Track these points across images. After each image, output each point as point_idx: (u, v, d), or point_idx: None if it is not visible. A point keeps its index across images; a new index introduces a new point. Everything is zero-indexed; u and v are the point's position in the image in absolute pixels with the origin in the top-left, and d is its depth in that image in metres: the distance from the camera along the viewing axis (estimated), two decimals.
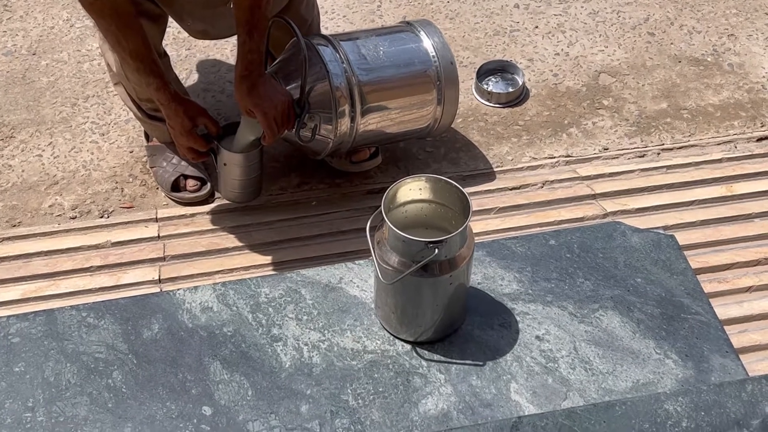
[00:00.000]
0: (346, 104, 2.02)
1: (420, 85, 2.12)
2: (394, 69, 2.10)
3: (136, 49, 1.81)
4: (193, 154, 1.98)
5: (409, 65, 2.12)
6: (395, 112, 2.11)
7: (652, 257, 1.73)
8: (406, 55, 2.13)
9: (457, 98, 2.17)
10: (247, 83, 1.88)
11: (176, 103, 1.90)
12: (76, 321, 1.61)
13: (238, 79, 1.89)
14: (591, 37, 2.69)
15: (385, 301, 1.58)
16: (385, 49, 2.10)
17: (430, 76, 2.11)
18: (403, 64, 2.11)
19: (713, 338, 1.59)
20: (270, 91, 1.91)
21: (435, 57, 2.11)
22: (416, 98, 2.12)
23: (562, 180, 2.24)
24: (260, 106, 1.88)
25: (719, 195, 2.17)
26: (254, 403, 1.50)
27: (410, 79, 2.12)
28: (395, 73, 2.11)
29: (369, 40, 2.12)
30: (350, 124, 2.04)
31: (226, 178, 2.05)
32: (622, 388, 1.52)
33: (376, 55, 2.09)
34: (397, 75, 2.11)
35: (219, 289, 1.66)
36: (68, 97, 2.50)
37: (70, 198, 2.23)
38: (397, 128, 2.14)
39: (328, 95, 2.00)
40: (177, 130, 1.93)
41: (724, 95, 2.52)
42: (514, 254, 1.74)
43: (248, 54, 1.86)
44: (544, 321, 1.62)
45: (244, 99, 1.89)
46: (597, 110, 2.47)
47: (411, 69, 2.12)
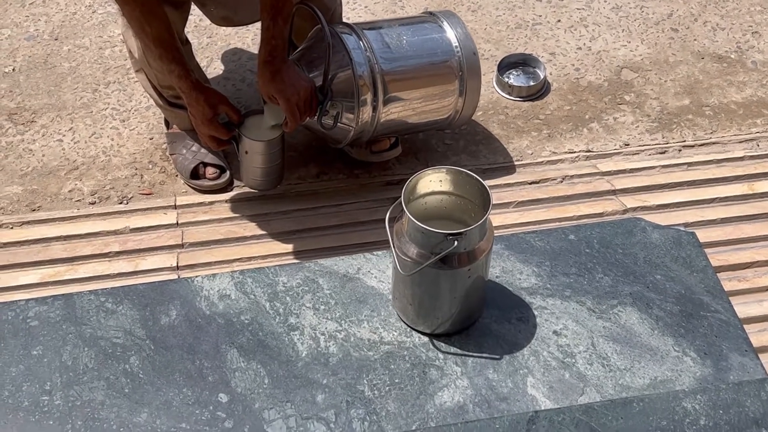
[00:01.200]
0: (369, 93, 2.01)
1: (442, 75, 2.11)
2: (417, 59, 2.10)
3: (159, 35, 1.81)
4: (214, 143, 1.98)
5: (431, 55, 2.11)
6: (417, 102, 2.10)
7: (672, 254, 1.71)
8: (429, 45, 2.12)
9: (479, 89, 2.17)
10: (271, 69, 1.87)
11: (197, 91, 1.89)
12: (94, 306, 1.61)
13: (262, 65, 1.88)
14: (614, 31, 2.67)
15: (402, 292, 1.57)
16: (408, 38, 2.10)
17: (453, 67, 2.10)
18: (425, 54, 2.11)
19: (732, 337, 1.58)
20: (293, 78, 1.90)
21: (458, 47, 2.11)
22: (438, 88, 2.11)
23: (582, 175, 2.23)
24: (283, 92, 1.88)
25: (740, 193, 2.15)
26: (270, 391, 1.50)
27: (433, 69, 2.11)
28: (418, 62, 2.10)
29: (392, 30, 2.11)
30: (372, 113, 2.03)
31: (248, 166, 2.05)
32: (640, 384, 1.51)
33: (399, 44, 2.08)
34: (419, 64, 2.10)
35: (237, 277, 1.67)
36: (89, 83, 2.51)
37: (89, 183, 2.23)
38: (418, 118, 2.14)
39: (350, 83, 2.00)
40: (198, 119, 1.93)
41: (747, 93, 2.49)
42: (533, 248, 1.73)
43: (272, 39, 1.86)
44: (562, 316, 1.61)
45: (267, 85, 1.89)
46: (618, 105, 2.45)
47: (434, 59, 2.11)
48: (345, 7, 2.67)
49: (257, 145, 1.99)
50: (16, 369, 1.52)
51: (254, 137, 1.99)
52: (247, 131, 1.99)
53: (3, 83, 2.50)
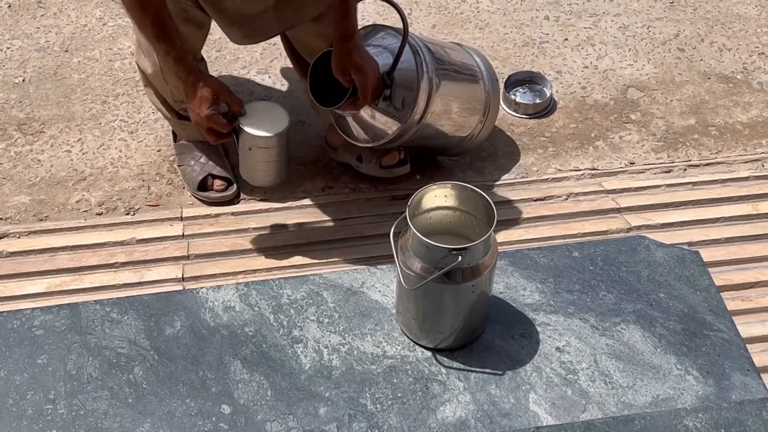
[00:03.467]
0: (425, 90, 2.01)
1: (475, 92, 2.18)
2: (459, 74, 2.16)
3: (158, 15, 1.76)
4: (213, 136, 1.87)
5: (468, 70, 2.18)
6: (455, 112, 2.15)
7: (676, 273, 1.72)
8: (466, 64, 2.19)
9: (497, 113, 2.25)
10: (350, 43, 1.84)
11: (195, 76, 1.82)
12: (99, 315, 1.63)
13: (340, 38, 1.84)
14: (620, 51, 2.69)
15: (406, 306, 1.58)
16: (450, 53, 2.17)
17: (483, 86, 2.18)
18: (464, 71, 2.18)
19: (735, 356, 1.59)
20: (369, 56, 1.89)
21: (486, 72, 2.21)
22: (470, 104, 2.18)
23: (587, 193, 2.23)
24: (362, 68, 1.85)
25: (745, 213, 2.15)
26: (273, 403, 1.51)
27: (469, 86, 2.17)
28: (460, 77, 2.16)
29: (435, 45, 2.16)
30: (423, 110, 2.03)
31: (249, 161, 1.94)
32: (642, 402, 1.51)
33: (445, 55, 2.13)
34: (461, 79, 2.16)
35: (242, 289, 1.68)
36: (98, 95, 2.53)
37: (97, 194, 2.25)
38: (447, 130, 2.17)
39: (412, 78, 2.00)
40: (196, 108, 1.82)
41: (753, 113, 2.50)
42: (537, 265, 1.74)
43: (349, 12, 1.83)
44: (565, 332, 1.62)
45: (345, 58, 1.85)
46: (624, 124, 2.46)
47: (470, 77, 2.18)
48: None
49: (258, 139, 1.88)
50: (20, 377, 1.53)
51: (257, 131, 1.87)
52: (249, 124, 1.88)
53: (13, 94, 2.52)
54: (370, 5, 2.81)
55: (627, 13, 2.81)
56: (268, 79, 2.58)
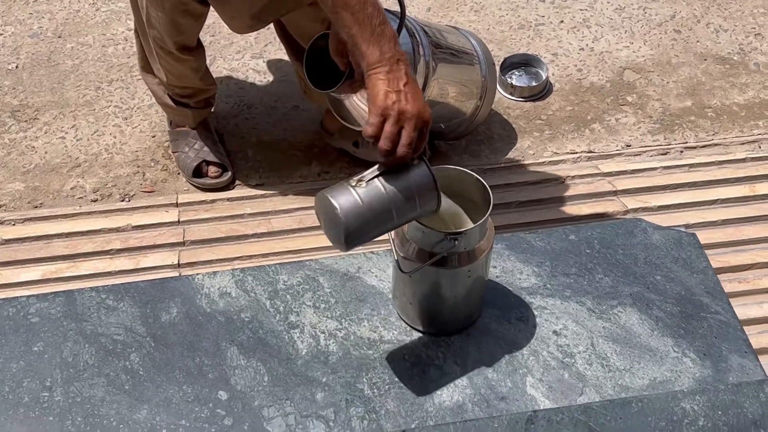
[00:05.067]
0: (422, 71, 2.01)
1: (472, 73, 2.17)
2: (456, 57, 2.15)
3: None
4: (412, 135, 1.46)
5: (465, 52, 2.17)
6: (451, 95, 2.15)
7: (673, 255, 1.71)
8: (463, 47, 2.19)
9: (493, 97, 2.25)
10: None
11: None
12: (95, 302, 1.62)
13: None
14: (616, 32, 2.67)
15: (402, 291, 1.58)
16: (447, 36, 2.16)
17: (480, 69, 2.18)
18: (460, 50, 2.17)
19: (732, 338, 1.58)
20: None
21: (482, 55, 2.19)
22: (467, 87, 2.17)
23: (584, 176, 2.23)
24: None
25: (742, 195, 2.15)
26: (270, 389, 1.50)
27: (466, 65, 2.17)
28: (457, 58, 2.15)
29: (433, 27, 2.15)
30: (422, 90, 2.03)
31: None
32: (639, 385, 1.51)
33: (440, 37, 2.12)
34: (458, 60, 2.15)
35: (237, 275, 1.67)
36: (92, 81, 2.51)
37: (91, 181, 2.24)
38: (444, 112, 2.17)
39: (410, 60, 1.99)
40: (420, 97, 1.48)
41: (750, 94, 2.49)
42: (534, 248, 1.73)
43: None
44: (562, 316, 1.62)
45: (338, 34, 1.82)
46: (621, 107, 2.45)
47: (466, 56, 2.17)
48: None
49: None
50: (16, 365, 1.53)
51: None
52: None
53: (6, 80, 2.51)
54: None
55: None
56: (263, 63, 2.56)
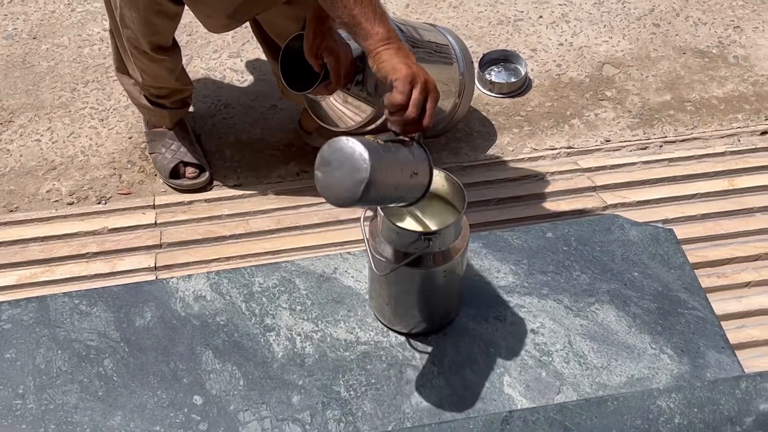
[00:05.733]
0: None
1: (450, 71, 2.15)
2: (431, 50, 2.13)
3: None
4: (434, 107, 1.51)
5: (442, 52, 2.15)
6: None
7: (650, 251, 1.71)
8: (440, 45, 2.16)
9: (472, 94, 2.22)
10: (324, 26, 1.81)
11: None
12: (68, 308, 1.60)
13: (315, 20, 1.81)
14: (595, 27, 2.66)
15: (378, 292, 1.57)
16: (424, 35, 2.13)
17: (458, 68, 2.15)
18: (437, 49, 2.15)
19: (709, 334, 1.58)
20: (342, 40, 1.87)
21: (460, 53, 2.17)
22: (445, 85, 2.14)
23: (563, 172, 2.22)
24: (335, 51, 1.83)
25: (721, 189, 2.14)
26: (246, 393, 1.49)
27: (443, 64, 2.14)
28: (432, 53, 2.13)
29: (409, 25, 2.13)
30: None
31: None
32: (617, 382, 1.50)
33: (416, 35, 2.10)
34: (434, 53, 2.13)
35: (213, 278, 1.66)
36: (68, 82, 2.49)
37: (67, 183, 2.22)
38: None
39: None
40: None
41: (729, 88, 2.49)
42: (511, 246, 1.72)
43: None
44: (539, 314, 1.61)
45: (318, 41, 1.82)
46: (600, 101, 2.45)
47: (443, 55, 2.15)
48: None
49: None
50: None
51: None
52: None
53: None
54: None
55: None
56: (240, 62, 2.55)
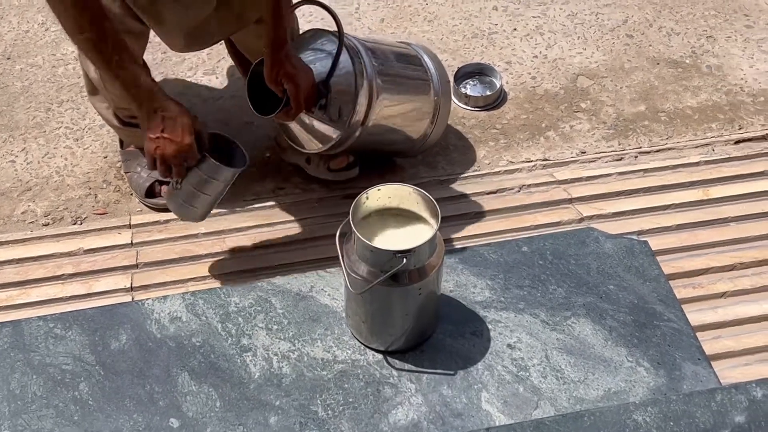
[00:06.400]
0: (365, 96, 1.99)
1: (424, 94, 2.14)
2: (405, 77, 2.13)
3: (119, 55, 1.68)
4: (179, 168, 1.74)
5: (415, 73, 2.15)
6: (399, 118, 2.13)
7: (625, 264, 1.72)
8: (412, 65, 2.16)
9: (447, 116, 2.22)
10: (281, 53, 1.83)
11: (180, 107, 1.72)
12: (42, 332, 1.59)
13: (271, 48, 1.83)
14: (569, 39, 2.68)
15: (355, 310, 1.57)
16: (397, 57, 2.14)
17: (432, 89, 2.15)
18: (410, 71, 2.15)
19: (685, 346, 1.59)
20: (302, 65, 1.88)
21: (436, 74, 2.16)
22: (418, 108, 2.15)
23: (539, 184, 2.23)
24: (294, 77, 1.84)
25: (696, 199, 2.15)
26: (222, 414, 1.49)
27: (416, 89, 2.14)
28: (405, 80, 2.13)
29: (380, 47, 2.13)
30: (363, 117, 2.01)
31: (205, 197, 1.84)
32: (594, 396, 1.51)
33: (388, 60, 2.10)
34: (406, 82, 2.13)
35: (188, 299, 1.65)
36: (42, 102, 2.48)
37: (42, 204, 2.20)
38: (394, 135, 2.15)
39: (349, 84, 1.97)
40: (177, 137, 1.70)
41: (702, 97, 2.51)
42: (487, 261, 1.73)
43: (281, 21, 1.82)
44: (516, 329, 1.61)
45: (276, 68, 1.83)
46: (575, 113, 2.46)
47: (417, 81, 2.15)
48: (301, 19, 2.66)
49: (229, 172, 1.80)
50: None
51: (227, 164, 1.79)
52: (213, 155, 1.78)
53: None
54: None
55: (575, 1, 2.80)
56: (216, 80, 2.54)
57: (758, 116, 2.44)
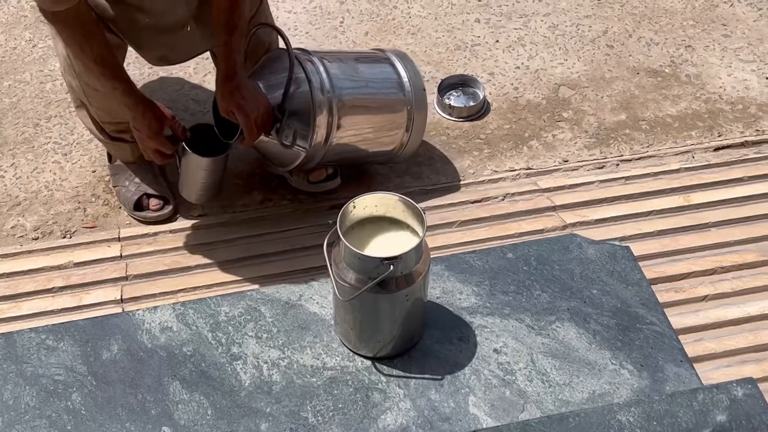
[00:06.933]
0: (325, 115, 2.02)
1: (393, 107, 2.16)
2: (370, 88, 2.15)
3: (100, 54, 1.82)
4: (159, 156, 1.97)
5: (384, 87, 2.17)
6: (368, 130, 2.14)
7: (608, 268, 1.75)
8: (381, 77, 2.18)
9: (424, 125, 2.23)
10: (231, 84, 1.88)
11: (144, 106, 1.90)
12: (35, 343, 1.61)
13: (221, 80, 1.89)
14: (551, 50, 2.72)
15: (343, 317, 1.59)
16: (362, 69, 2.16)
17: (403, 100, 2.16)
18: (378, 85, 2.16)
19: (668, 348, 1.62)
20: (253, 94, 1.92)
21: (408, 83, 2.17)
22: (388, 119, 2.16)
23: (523, 192, 2.26)
24: (243, 108, 1.89)
25: (677, 205, 2.19)
26: (214, 422, 1.51)
27: (384, 100, 2.16)
28: (371, 92, 2.15)
29: (347, 59, 2.16)
30: (325, 136, 2.05)
31: (189, 181, 2.03)
32: (579, 399, 1.54)
33: (353, 73, 2.12)
34: (373, 95, 2.15)
35: (178, 309, 1.67)
36: (30, 118, 2.50)
37: (32, 219, 2.22)
38: (366, 147, 2.17)
39: (307, 105, 2.01)
40: (144, 132, 1.92)
41: (682, 106, 2.55)
42: (473, 268, 1.76)
43: (231, 55, 1.87)
44: (502, 334, 1.64)
45: (226, 100, 1.89)
46: (557, 123, 2.50)
47: (386, 91, 2.17)
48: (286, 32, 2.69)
49: (202, 161, 1.97)
50: None
51: (200, 153, 1.96)
52: (192, 146, 1.96)
53: None
54: (302, 15, 2.82)
55: (556, 13, 2.85)
56: (202, 93, 2.57)
57: (737, 123, 2.49)
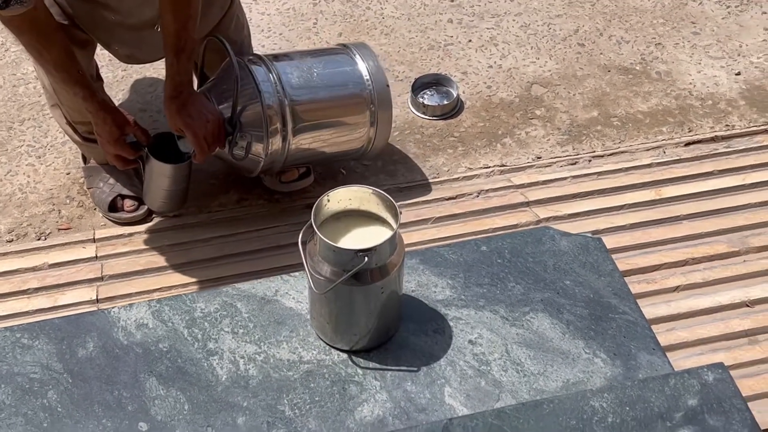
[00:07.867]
0: (278, 123, 2.04)
1: (353, 106, 2.16)
2: (328, 90, 2.14)
3: (59, 59, 1.83)
4: (120, 162, 1.99)
5: (342, 87, 2.16)
6: (328, 133, 2.14)
7: (580, 260, 1.77)
8: (340, 77, 2.17)
9: (390, 121, 2.23)
10: (177, 103, 1.90)
11: (104, 112, 1.91)
12: (9, 342, 1.60)
13: (168, 100, 1.92)
14: (523, 49, 2.75)
15: (319, 311, 1.60)
16: (319, 70, 2.14)
17: (364, 98, 2.15)
18: (336, 86, 2.16)
19: (640, 336, 1.64)
20: (200, 111, 1.93)
21: (369, 80, 2.15)
22: (349, 119, 2.16)
23: (497, 189, 2.28)
24: (191, 126, 1.91)
25: (648, 199, 2.22)
26: (191, 417, 1.51)
27: (343, 101, 2.16)
28: (328, 94, 2.14)
29: (304, 62, 2.15)
30: (282, 143, 2.06)
31: (153, 187, 2.05)
32: (553, 388, 1.55)
33: (309, 76, 2.12)
34: (330, 96, 2.15)
35: (154, 306, 1.67)
36: (3, 121, 2.49)
37: (6, 221, 2.22)
38: (330, 148, 2.18)
39: (259, 114, 2.03)
40: (104, 138, 1.94)
41: (653, 102, 2.59)
42: (447, 261, 1.77)
43: (176, 75, 1.89)
44: (477, 325, 1.65)
45: (173, 118, 1.92)
46: (530, 120, 2.52)
47: (344, 91, 2.16)
48: (260, 34, 2.71)
49: (165, 168, 1.99)
50: None
51: (162, 160, 1.98)
52: (155, 153, 1.98)
53: None
54: (275, 17, 2.83)
55: (528, 12, 2.87)
56: None
57: (707, 119, 2.52)
